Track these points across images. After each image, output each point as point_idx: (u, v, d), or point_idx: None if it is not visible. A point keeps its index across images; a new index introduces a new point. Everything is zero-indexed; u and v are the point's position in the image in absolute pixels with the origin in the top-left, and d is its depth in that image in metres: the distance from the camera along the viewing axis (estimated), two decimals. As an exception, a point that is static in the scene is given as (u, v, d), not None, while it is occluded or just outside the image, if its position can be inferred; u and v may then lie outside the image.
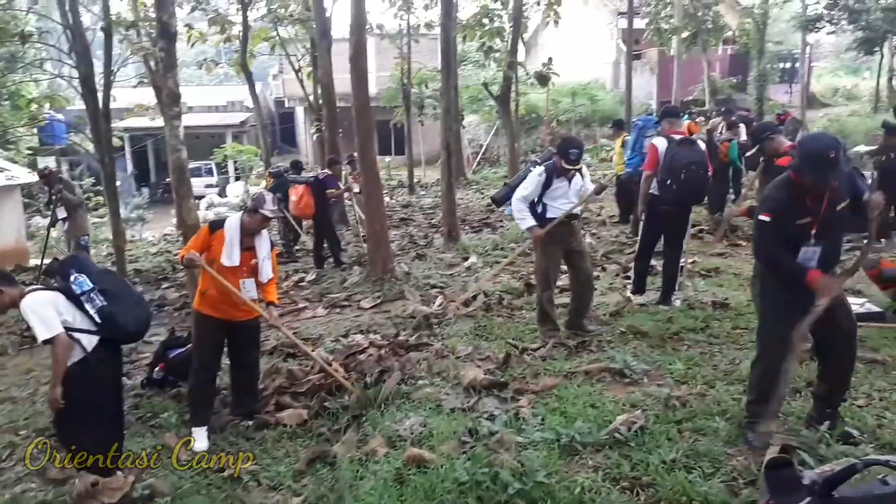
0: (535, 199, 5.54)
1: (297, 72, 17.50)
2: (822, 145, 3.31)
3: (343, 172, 11.29)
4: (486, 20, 14.45)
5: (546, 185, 5.48)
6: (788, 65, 26.47)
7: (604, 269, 8.21)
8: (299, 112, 30.96)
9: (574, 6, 26.03)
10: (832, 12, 20.00)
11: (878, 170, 8.41)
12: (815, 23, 20.59)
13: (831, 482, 2.21)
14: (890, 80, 22.98)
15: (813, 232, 3.43)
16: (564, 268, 5.98)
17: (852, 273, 3.75)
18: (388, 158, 25.60)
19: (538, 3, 15.65)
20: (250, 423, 4.66)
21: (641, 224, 6.72)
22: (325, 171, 10.44)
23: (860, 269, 4.19)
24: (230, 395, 4.97)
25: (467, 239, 10.93)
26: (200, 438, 4.47)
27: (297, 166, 11.58)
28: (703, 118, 14.18)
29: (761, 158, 6.76)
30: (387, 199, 15.75)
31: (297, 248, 11.37)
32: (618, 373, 4.74)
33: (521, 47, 17.56)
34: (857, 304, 5.70)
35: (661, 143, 6.26)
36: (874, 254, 6.61)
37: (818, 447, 3.38)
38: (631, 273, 6.97)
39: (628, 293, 6.77)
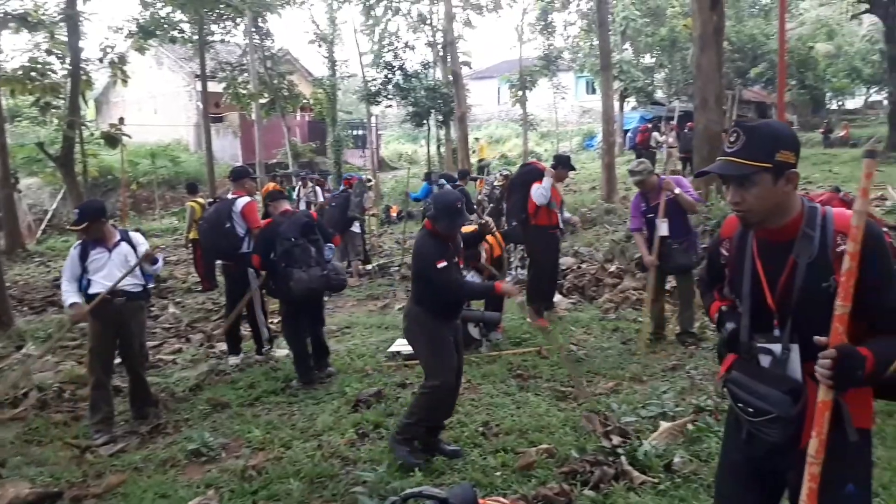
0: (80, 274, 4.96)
1: None
2: (452, 199, 4.01)
3: None
4: (34, 74, 12.80)
5: (82, 258, 4.94)
6: (360, 132, 29.50)
7: (188, 340, 7.82)
8: None
9: (147, 65, 25.01)
10: (387, 88, 23.02)
11: None
12: (376, 97, 23.43)
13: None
14: (438, 147, 27.29)
15: (461, 267, 4.20)
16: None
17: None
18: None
19: (100, 62, 14.52)
20: None
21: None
22: None
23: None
24: None
25: (25, 323, 9.33)
26: None
27: None
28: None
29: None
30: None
31: None
32: (194, 453, 4.48)
33: (90, 104, 16.03)
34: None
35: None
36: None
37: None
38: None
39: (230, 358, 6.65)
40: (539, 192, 7.10)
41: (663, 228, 6.10)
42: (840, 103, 41.09)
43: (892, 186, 5.08)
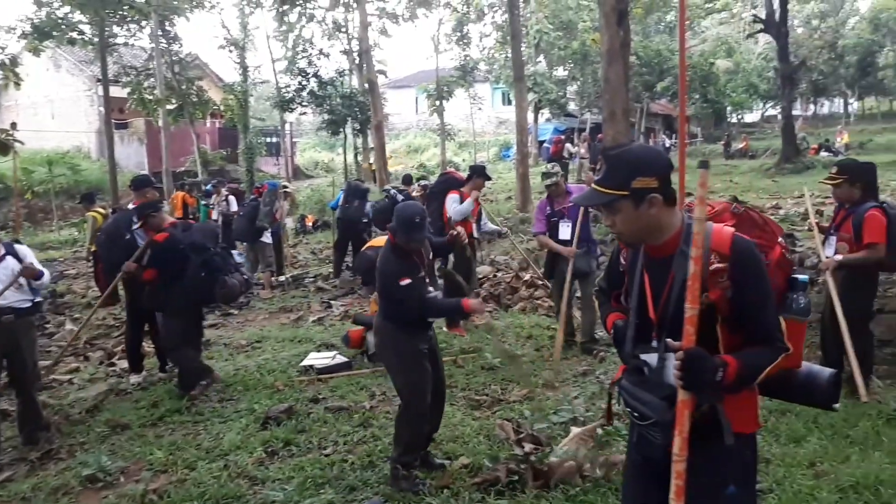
0: None
1: None
2: (411, 212, 3.80)
3: None
4: None
5: None
6: (274, 139, 28.91)
7: (86, 359, 7.38)
8: None
9: (44, 68, 23.68)
10: (302, 95, 22.67)
11: None
12: (290, 104, 23.03)
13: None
14: (356, 155, 27.07)
15: (427, 280, 3.93)
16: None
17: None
18: None
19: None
20: None
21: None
22: None
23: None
24: None
25: None
26: None
27: None
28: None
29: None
30: None
31: None
32: (90, 478, 4.20)
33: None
34: (328, 357, 6.33)
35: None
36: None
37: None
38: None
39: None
40: (456, 209, 7.07)
41: (565, 232, 6.17)
42: (740, 117, 43.57)
43: (810, 192, 5.36)
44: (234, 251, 5.92)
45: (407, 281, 3.71)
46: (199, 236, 5.68)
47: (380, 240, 7.07)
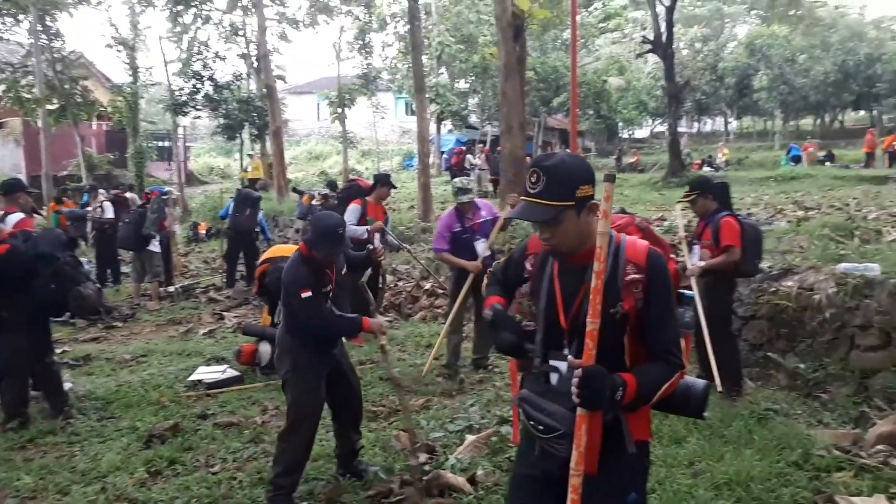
0: None
1: None
2: (333, 223, 3.71)
3: None
4: None
5: None
6: (167, 143, 27.66)
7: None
8: None
9: None
10: (196, 98, 21.85)
11: None
12: (183, 107, 22.12)
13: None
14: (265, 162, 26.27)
15: (331, 296, 3.83)
16: None
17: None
18: None
19: None
20: None
21: None
22: None
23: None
24: None
25: None
26: None
27: None
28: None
29: None
30: None
31: None
32: (-56, 510, 3.84)
33: None
34: (218, 371, 6.10)
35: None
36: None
37: None
38: None
39: None
40: (349, 228, 6.92)
41: (482, 248, 5.79)
42: (631, 132, 45.71)
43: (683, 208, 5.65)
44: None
45: (308, 293, 3.58)
46: (45, 245, 5.17)
47: (282, 248, 6.86)
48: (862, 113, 40.03)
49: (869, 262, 5.73)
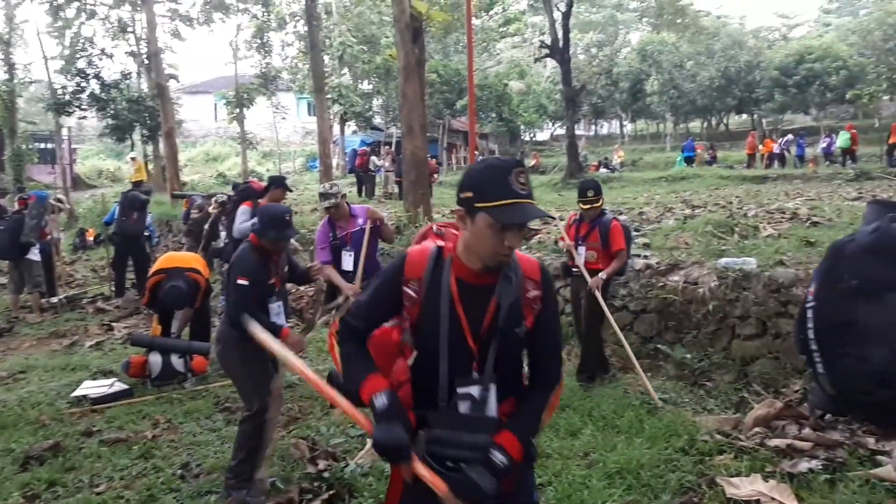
0: None
1: None
2: (280, 210, 3.81)
3: None
4: None
5: None
6: (49, 145, 25.99)
7: None
8: None
9: None
10: (81, 98, 20.63)
11: None
12: (66, 107, 20.84)
13: None
14: (146, 163, 25.12)
15: (276, 289, 3.86)
16: None
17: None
18: None
19: None
20: None
21: None
22: None
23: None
24: None
25: None
26: None
27: None
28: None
29: None
30: None
31: None
32: None
33: None
34: (105, 385, 5.76)
35: None
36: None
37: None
38: None
39: None
40: (239, 227, 6.76)
41: (348, 262, 5.31)
42: (532, 135, 46.89)
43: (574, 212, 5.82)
44: None
45: (244, 282, 3.65)
46: None
47: (176, 257, 6.57)
48: (744, 116, 42.71)
49: (746, 257, 6.10)
